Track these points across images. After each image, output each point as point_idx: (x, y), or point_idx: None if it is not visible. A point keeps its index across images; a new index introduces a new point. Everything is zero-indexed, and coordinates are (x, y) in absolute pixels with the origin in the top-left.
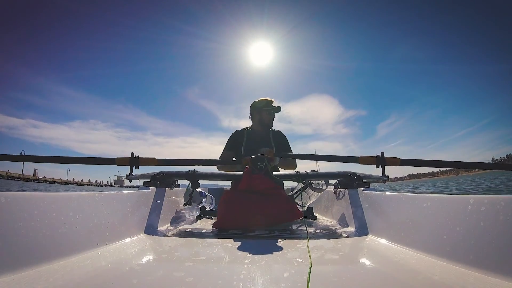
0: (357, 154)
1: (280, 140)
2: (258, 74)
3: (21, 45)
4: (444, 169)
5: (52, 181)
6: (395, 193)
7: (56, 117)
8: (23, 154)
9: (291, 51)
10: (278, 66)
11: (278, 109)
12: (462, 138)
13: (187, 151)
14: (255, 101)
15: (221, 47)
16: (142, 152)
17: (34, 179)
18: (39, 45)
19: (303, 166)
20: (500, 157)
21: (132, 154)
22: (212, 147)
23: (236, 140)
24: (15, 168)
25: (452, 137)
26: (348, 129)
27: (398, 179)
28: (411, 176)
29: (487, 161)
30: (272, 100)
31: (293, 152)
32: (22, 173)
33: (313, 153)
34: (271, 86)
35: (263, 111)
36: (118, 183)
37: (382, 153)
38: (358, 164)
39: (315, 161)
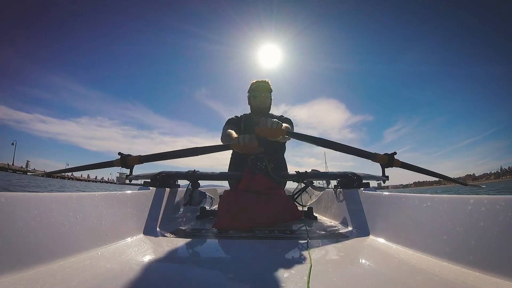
0: (363, 159)
1: None
2: (267, 76)
3: (33, 42)
4: (451, 177)
5: (43, 175)
6: (395, 193)
7: (64, 113)
8: (14, 144)
9: (300, 53)
10: (286, 68)
11: (263, 89)
12: (469, 147)
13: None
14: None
15: (230, 49)
16: (149, 151)
17: (22, 171)
18: (50, 43)
19: (311, 161)
20: (509, 167)
21: (120, 154)
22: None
23: (234, 125)
24: (6, 157)
25: (459, 146)
26: (354, 134)
27: (404, 186)
28: (417, 184)
29: (495, 171)
30: (263, 80)
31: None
32: (13, 163)
33: (322, 155)
34: (279, 88)
35: (251, 95)
36: (120, 180)
37: (394, 153)
38: (370, 161)
39: (325, 160)
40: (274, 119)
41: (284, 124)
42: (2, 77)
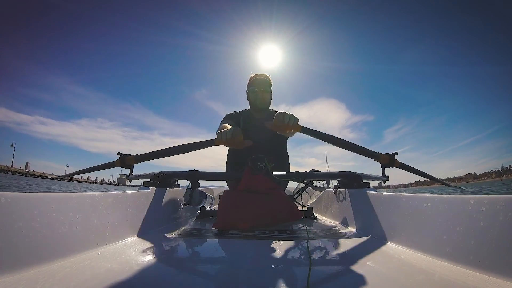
0: (364, 159)
1: None
2: None
3: (31, 43)
4: (452, 176)
5: (42, 176)
6: (395, 193)
7: (64, 114)
8: (13, 146)
9: (300, 53)
10: (286, 69)
11: (262, 83)
12: (469, 146)
13: (193, 152)
14: None
15: (229, 49)
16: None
17: (21, 172)
18: (50, 43)
19: (311, 161)
20: (510, 165)
21: (120, 154)
22: (218, 149)
23: (233, 120)
24: (7, 159)
25: (459, 145)
26: (355, 134)
27: (405, 186)
28: (418, 183)
29: (496, 169)
30: (263, 74)
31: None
32: (12, 165)
33: (322, 156)
34: (279, 89)
35: (250, 90)
36: (121, 182)
37: (395, 153)
38: (371, 161)
39: (326, 159)
40: (291, 114)
41: None
42: (2, 79)
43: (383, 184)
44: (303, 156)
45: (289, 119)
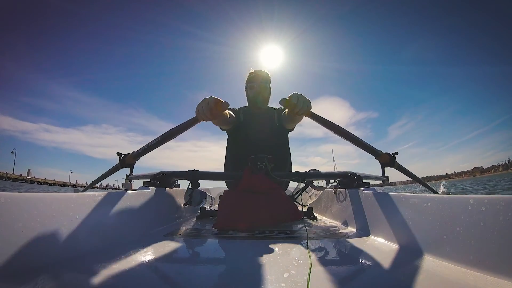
0: (368, 157)
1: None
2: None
3: (33, 50)
4: (458, 171)
5: (44, 182)
6: (395, 193)
7: (68, 121)
8: (14, 152)
9: (302, 54)
10: (288, 69)
11: (261, 78)
12: (475, 139)
13: (198, 155)
14: None
15: (231, 50)
16: (154, 156)
17: (23, 179)
18: (51, 49)
19: (316, 160)
20: None
21: (119, 154)
22: (222, 150)
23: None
24: (6, 165)
25: (465, 138)
26: (359, 132)
27: (411, 182)
28: (424, 179)
29: (503, 162)
30: (261, 70)
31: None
32: (13, 172)
33: (328, 154)
34: (281, 89)
35: (248, 86)
36: (126, 187)
37: (396, 153)
38: (377, 161)
39: (333, 157)
40: (306, 99)
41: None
42: (6, 88)
43: (388, 181)
44: (308, 155)
45: (303, 104)
